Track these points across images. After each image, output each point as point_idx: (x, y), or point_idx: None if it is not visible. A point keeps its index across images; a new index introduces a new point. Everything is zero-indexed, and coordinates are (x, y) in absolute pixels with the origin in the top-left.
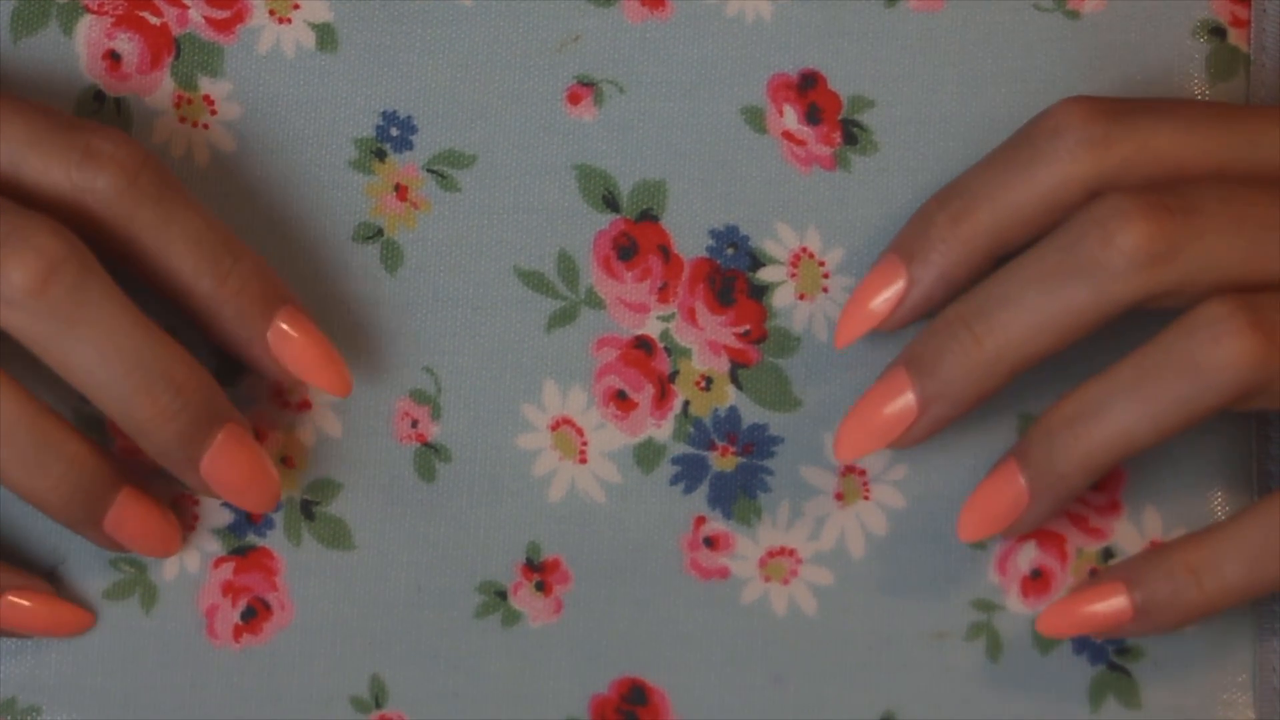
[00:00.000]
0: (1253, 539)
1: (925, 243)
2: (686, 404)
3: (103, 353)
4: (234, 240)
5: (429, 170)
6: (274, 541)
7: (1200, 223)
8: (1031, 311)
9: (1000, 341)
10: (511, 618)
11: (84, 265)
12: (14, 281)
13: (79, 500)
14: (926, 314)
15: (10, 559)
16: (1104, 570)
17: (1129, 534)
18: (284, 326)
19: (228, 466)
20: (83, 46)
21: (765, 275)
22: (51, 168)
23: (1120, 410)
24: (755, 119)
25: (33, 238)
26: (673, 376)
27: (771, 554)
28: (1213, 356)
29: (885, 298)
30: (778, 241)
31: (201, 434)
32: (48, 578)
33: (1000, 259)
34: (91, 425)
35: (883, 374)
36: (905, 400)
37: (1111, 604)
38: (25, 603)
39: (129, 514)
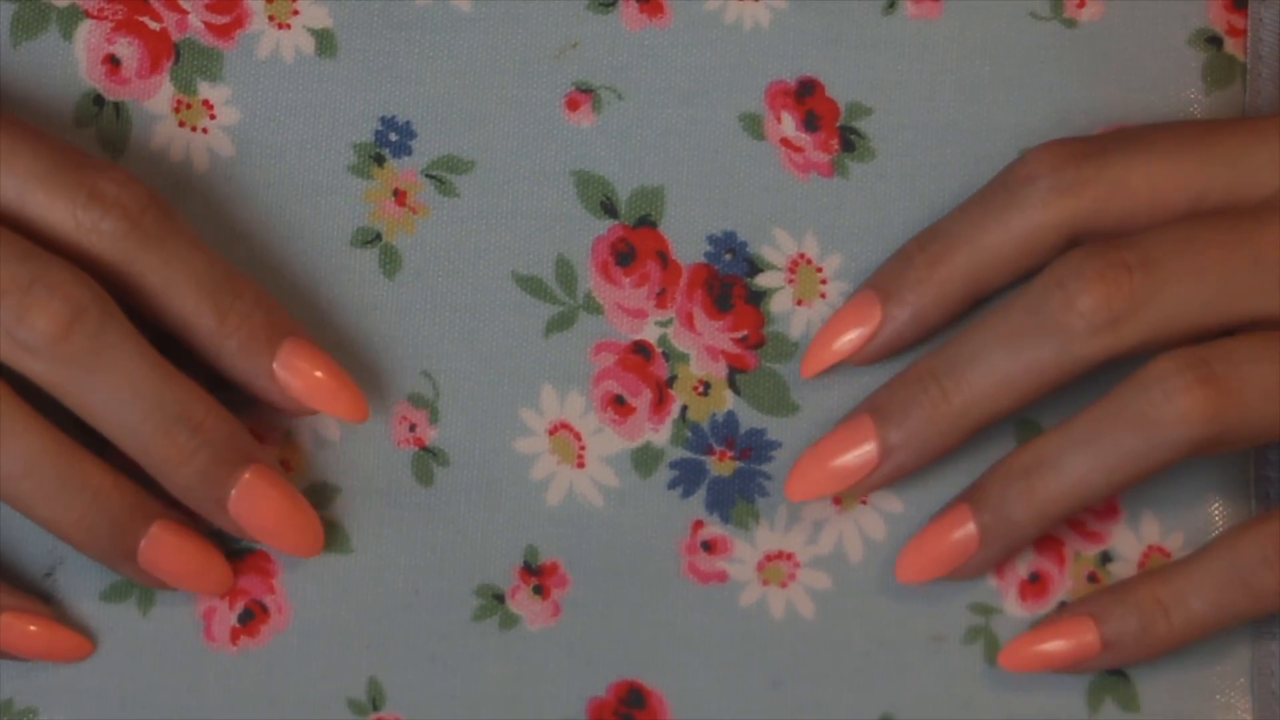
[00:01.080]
0: (1219, 571)
1: (902, 283)
2: (684, 409)
3: (121, 397)
4: (236, 275)
5: (428, 175)
6: None
7: (1160, 276)
8: (998, 370)
9: (967, 398)
10: (509, 621)
11: (105, 311)
12: (39, 329)
13: (106, 534)
14: (896, 351)
15: (6, 561)
16: (1070, 605)
17: (1126, 539)
18: (290, 357)
19: (255, 505)
20: (82, 51)
21: (763, 281)
22: (56, 206)
23: (1075, 463)
24: (753, 125)
25: (58, 286)
26: (671, 381)
27: (769, 558)
28: (1164, 413)
29: (857, 333)
30: (775, 248)
31: (224, 473)
32: (44, 579)
33: (977, 301)
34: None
35: (844, 419)
36: (866, 448)
37: (1079, 640)
38: (23, 625)
39: (163, 548)
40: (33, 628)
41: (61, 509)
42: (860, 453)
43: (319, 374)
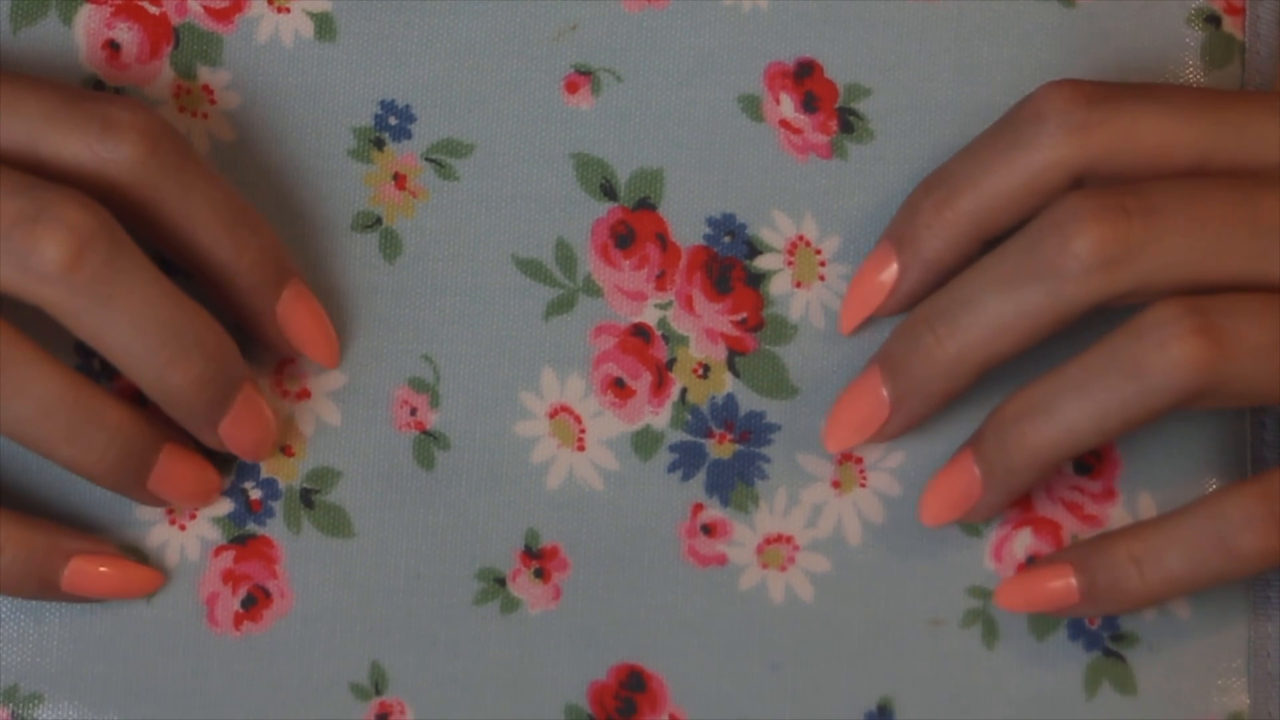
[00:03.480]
0: (1199, 530)
1: (912, 230)
2: (684, 391)
3: (137, 325)
4: (251, 211)
5: (427, 159)
6: (274, 530)
7: (1160, 224)
8: (991, 314)
9: (961, 343)
10: (510, 605)
11: (115, 238)
12: (48, 257)
13: (125, 467)
14: (922, 297)
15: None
16: (1061, 551)
17: (1124, 521)
18: (293, 299)
19: (244, 427)
20: (82, 36)
21: (762, 263)
22: (70, 140)
23: (1067, 409)
24: (752, 107)
25: (64, 213)
26: (670, 364)
27: (769, 541)
28: (1157, 360)
29: (879, 284)
30: (774, 230)
31: (228, 399)
32: None
33: (989, 242)
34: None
35: (861, 372)
36: (878, 398)
37: (1061, 584)
38: (94, 567)
39: (172, 472)
40: (104, 569)
41: (83, 448)
42: (873, 404)
43: (312, 319)
